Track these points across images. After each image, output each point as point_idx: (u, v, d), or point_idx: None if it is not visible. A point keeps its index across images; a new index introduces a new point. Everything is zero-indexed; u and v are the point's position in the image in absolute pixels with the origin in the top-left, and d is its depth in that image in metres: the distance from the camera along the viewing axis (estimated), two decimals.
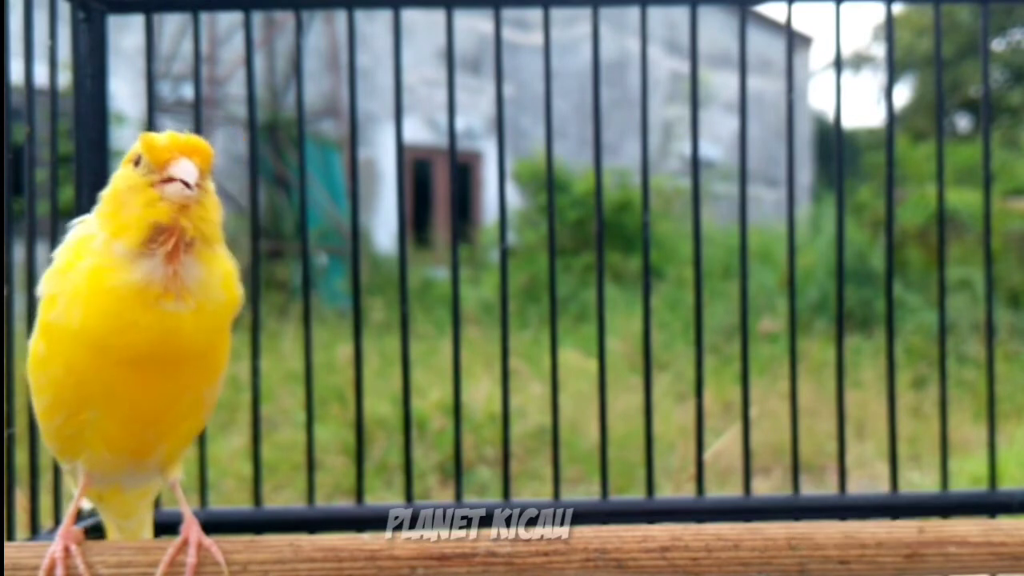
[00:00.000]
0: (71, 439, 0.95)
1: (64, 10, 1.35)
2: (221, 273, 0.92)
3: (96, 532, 1.33)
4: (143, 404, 0.91)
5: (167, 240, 0.87)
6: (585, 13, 1.44)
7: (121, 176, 0.90)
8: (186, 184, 0.86)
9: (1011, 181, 9.46)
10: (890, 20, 1.44)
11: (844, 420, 1.42)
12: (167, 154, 0.87)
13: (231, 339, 0.97)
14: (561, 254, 8.27)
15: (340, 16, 9.13)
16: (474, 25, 9.59)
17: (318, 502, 1.46)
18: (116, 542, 1.08)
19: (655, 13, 1.44)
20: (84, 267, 0.89)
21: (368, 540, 0.96)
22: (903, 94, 18.31)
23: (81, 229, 0.92)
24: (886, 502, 1.42)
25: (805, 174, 13.78)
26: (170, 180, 0.86)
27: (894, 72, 1.54)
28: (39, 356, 0.92)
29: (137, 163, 0.89)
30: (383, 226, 9.37)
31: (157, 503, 1.33)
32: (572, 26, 9.78)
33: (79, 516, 1.02)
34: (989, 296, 1.44)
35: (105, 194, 0.92)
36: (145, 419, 0.93)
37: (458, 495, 1.41)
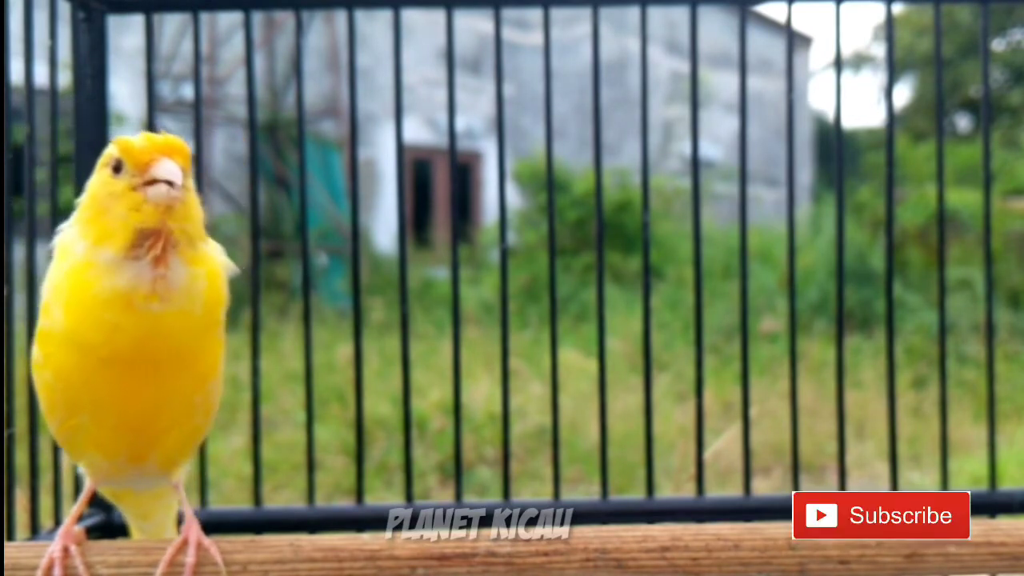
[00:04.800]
0: (69, 442, 0.96)
1: (64, 10, 1.35)
2: (205, 272, 0.91)
3: (99, 532, 1.34)
4: (130, 410, 0.91)
5: (155, 244, 0.86)
6: (585, 13, 1.44)
7: (98, 182, 0.89)
8: (170, 184, 0.85)
9: (1011, 181, 9.45)
10: (890, 20, 1.44)
11: (844, 420, 1.42)
12: (147, 156, 0.86)
13: (223, 343, 0.96)
14: (561, 254, 8.27)
15: (340, 16, 9.13)
16: (474, 25, 9.59)
17: (318, 502, 1.45)
18: (115, 542, 1.08)
19: (655, 13, 1.44)
20: (70, 274, 0.88)
21: (368, 540, 0.96)
22: (903, 94, 18.29)
23: (64, 237, 0.91)
24: None
25: (805, 174, 13.77)
26: (153, 182, 0.85)
27: (894, 72, 1.55)
28: (36, 362, 0.93)
29: (116, 168, 0.87)
30: (383, 226, 9.36)
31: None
32: (572, 26, 9.77)
33: (81, 516, 1.02)
34: (989, 296, 1.44)
35: (83, 201, 0.90)
36: (134, 425, 0.92)
37: (458, 495, 1.41)
